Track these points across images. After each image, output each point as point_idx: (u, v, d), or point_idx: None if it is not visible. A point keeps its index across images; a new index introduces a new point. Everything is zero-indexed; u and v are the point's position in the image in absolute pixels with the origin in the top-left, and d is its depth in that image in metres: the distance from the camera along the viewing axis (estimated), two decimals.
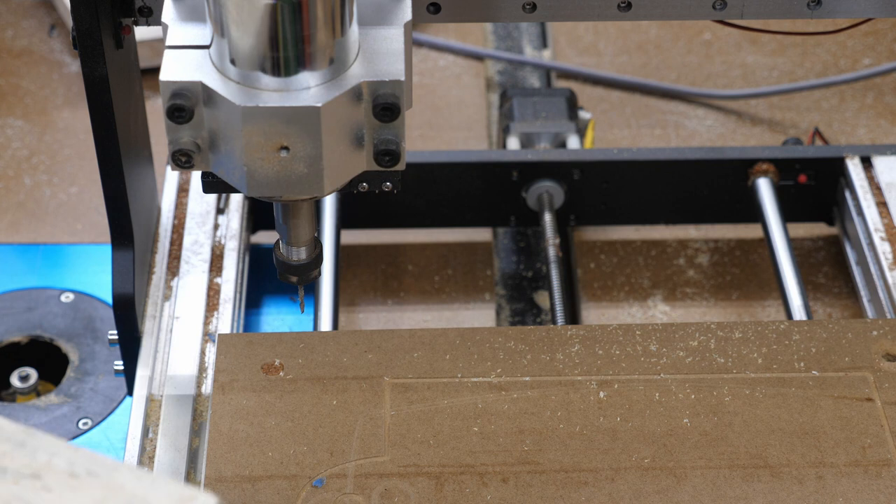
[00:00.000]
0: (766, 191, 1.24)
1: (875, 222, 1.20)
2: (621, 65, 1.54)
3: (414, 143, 1.44)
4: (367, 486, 0.93)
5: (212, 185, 0.89)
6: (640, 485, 0.93)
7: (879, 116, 1.47)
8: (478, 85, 1.52)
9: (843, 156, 1.25)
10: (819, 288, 1.28)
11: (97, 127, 1.01)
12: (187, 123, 0.82)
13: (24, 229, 1.35)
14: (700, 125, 1.47)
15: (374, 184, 0.90)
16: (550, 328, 1.03)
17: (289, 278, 0.95)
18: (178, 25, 0.85)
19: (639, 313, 1.26)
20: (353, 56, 0.83)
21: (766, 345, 1.02)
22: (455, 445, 0.96)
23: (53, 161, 1.42)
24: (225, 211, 1.19)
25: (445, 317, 1.26)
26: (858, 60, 1.54)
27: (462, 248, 1.32)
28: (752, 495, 0.93)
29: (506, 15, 0.99)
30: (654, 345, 1.02)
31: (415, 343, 1.02)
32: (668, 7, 0.99)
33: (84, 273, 1.30)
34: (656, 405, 0.98)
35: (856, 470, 0.94)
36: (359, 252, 1.31)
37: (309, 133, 0.81)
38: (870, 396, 0.99)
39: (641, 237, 1.32)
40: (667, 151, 1.26)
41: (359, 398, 0.98)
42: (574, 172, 1.25)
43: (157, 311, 1.10)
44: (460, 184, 1.26)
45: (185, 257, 1.14)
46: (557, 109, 1.34)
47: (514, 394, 0.99)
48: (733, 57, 1.55)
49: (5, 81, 1.51)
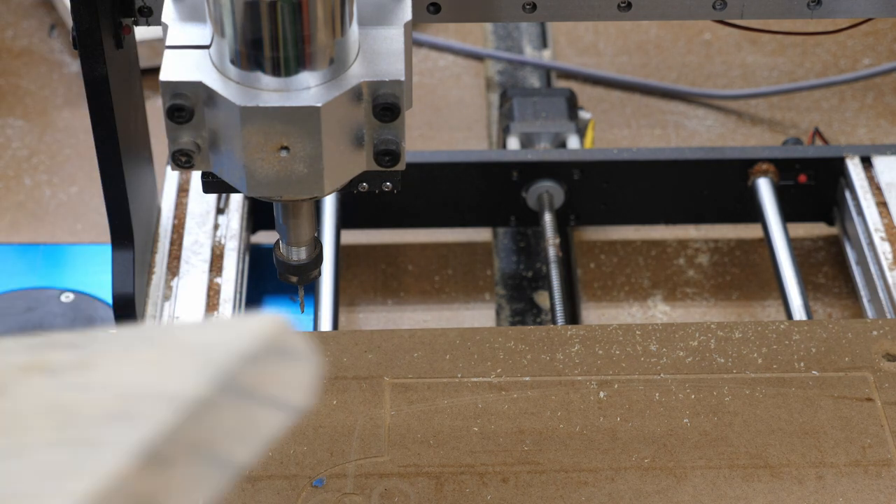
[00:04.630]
0: (766, 191, 1.24)
1: (875, 222, 1.20)
2: (621, 65, 1.54)
3: (414, 143, 1.44)
4: (367, 486, 0.93)
5: (212, 185, 0.89)
6: (640, 485, 0.93)
7: (879, 116, 1.47)
8: (478, 85, 1.52)
9: (843, 156, 1.25)
10: (819, 288, 1.28)
11: (97, 127, 1.01)
12: (187, 123, 0.82)
13: (24, 229, 1.35)
14: (700, 125, 1.47)
15: (374, 184, 0.90)
16: (550, 328, 1.03)
17: (289, 278, 0.95)
18: (178, 25, 0.85)
19: (639, 313, 1.26)
20: (353, 56, 0.83)
21: (766, 345, 1.02)
22: (455, 445, 0.96)
23: (53, 161, 1.42)
24: (225, 211, 1.19)
25: (445, 317, 1.26)
26: (858, 60, 1.54)
27: (462, 248, 1.32)
28: (752, 495, 0.93)
29: (506, 15, 0.99)
30: (654, 345, 1.02)
31: (415, 343, 1.02)
32: (668, 7, 0.99)
33: (84, 273, 1.30)
34: (656, 405, 0.98)
35: (856, 470, 0.94)
36: (359, 252, 1.31)
37: (309, 133, 0.81)
38: (870, 396, 0.99)
39: (641, 237, 1.32)
40: (667, 151, 1.26)
41: (359, 398, 0.98)
42: (574, 172, 1.25)
43: (157, 311, 1.10)
44: (460, 184, 1.26)
45: (185, 257, 1.14)
46: (557, 109, 1.34)
47: (514, 394, 0.99)
48: (733, 57, 1.55)
49: (5, 81, 1.51)
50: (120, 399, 0.45)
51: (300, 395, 0.48)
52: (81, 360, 0.48)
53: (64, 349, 0.49)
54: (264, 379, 0.47)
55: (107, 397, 0.46)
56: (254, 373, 0.47)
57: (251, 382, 0.47)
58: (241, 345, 0.47)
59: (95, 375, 0.47)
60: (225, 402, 0.46)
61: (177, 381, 0.46)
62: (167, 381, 0.46)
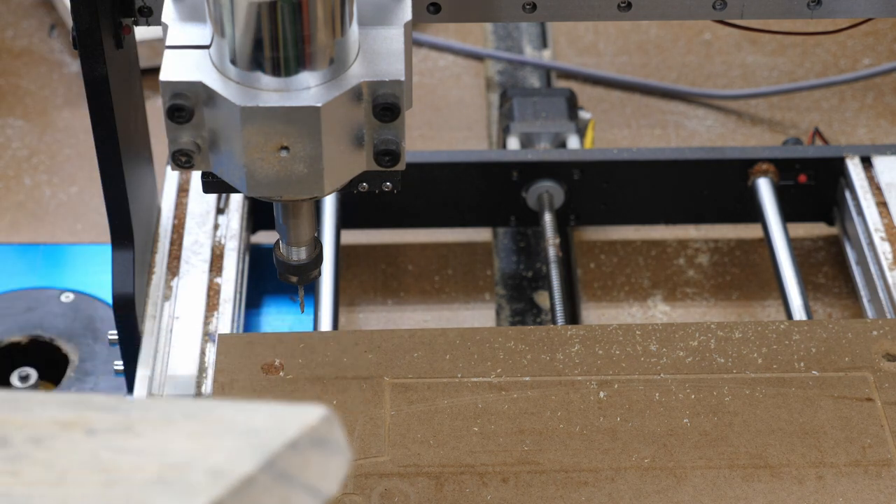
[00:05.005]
0: (766, 191, 1.24)
1: (875, 222, 1.20)
2: (621, 65, 1.54)
3: (414, 143, 1.44)
4: (366, 486, 0.93)
5: (212, 185, 0.89)
6: (640, 485, 0.93)
7: (879, 116, 1.47)
8: (478, 85, 1.52)
9: (843, 156, 1.25)
10: (819, 288, 1.28)
11: (97, 127, 1.01)
12: (187, 123, 0.82)
13: (24, 229, 1.35)
14: (700, 125, 1.47)
15: (374, 184, 0.90)
16: (550, 328, 1.03)
17: (289, 278, 0.95)
18: (178, 25, 0.85)
19: (639, 313, 1.26)
20: (353, 56, 0.83)
21: (766, 345, 1.02)
22: (455, 445, 0.96)
23: (53, 161, 1.42)
24: (225, 211, 1.19)
25: (445, 317, 1.26)
26: (858, 60, 1.54)
27: (462, 248, 1.32)
28: (752, 495, 0.93)
29: (506, 15, 0.99)
30: (654, 345, 1.02)
31: (415, 343, 1.02)
32: (668, 7, 0.99)
33: (84, 273, 1.30)
34: (656, 405, 0.98)
35: (856, 470, 0.94)
36: (359, 252, 1.31)
37: (309, 133, 0.81)
38: (870, 396, 0.99)
39: (641, 237, 1.32)
40: (667, 151, 1.26)
41: (359, 398, 0.98)
42: (574, 172, 1.25)
43: (157, 311, 1.10)
44: (460, 184, 1.26)
45: (185, 257, 1.14)
46: (557, 109, 1.34)
47: (514, 394, 0.99)
48: (733, 57, 1.55)
49: (5, 81, 1.51)
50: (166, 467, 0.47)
51: (333, 484, 0.51)
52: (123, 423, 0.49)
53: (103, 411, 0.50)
54: (303, 465, 0.50)
55: (152, 463, 0.47)
56: (294, 458, 0.49)
57: (291, 467, 0.49)
58: (286, 431, 0.49)
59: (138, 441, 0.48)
60: (265, 482, 0.48)
61: (222, 457, 0.48)
62: (213, 456, 0.48)
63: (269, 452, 0.48)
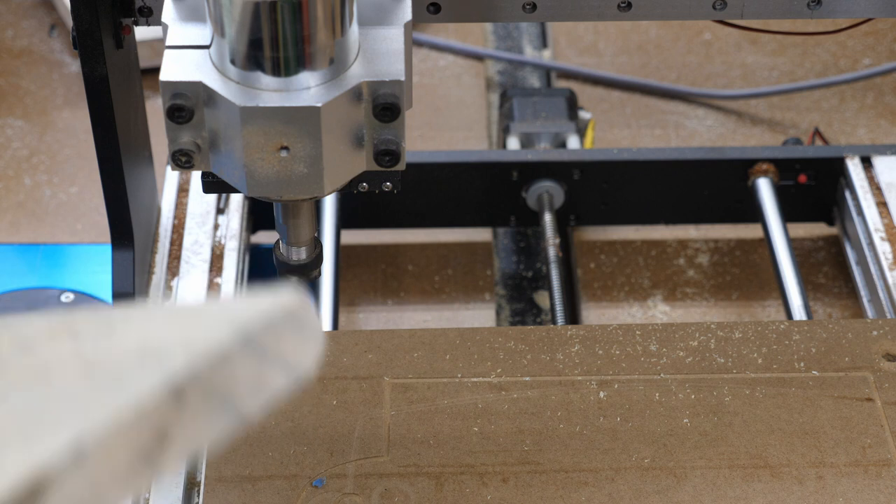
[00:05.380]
0: (766, 191, 1.24)
1: (875, 222, 1.20)
2: (621, 65, 1.54)
3: (414, 143, 1.44)
4: (366, 486, 0.93)
5: (212, 185, 0.89)
6: (640, 485, 0.93)
7: (879, 116, 1.47)
8: (478, 85, 1.52)
9: (843, 156, 1.25)
10: (819, 288, 1.28)
11: (97, 127, 1.01)
12: (187, 123, 0.82)
13: (24, 229, 1.35)
14: (700, 125, 1.47)
15: (374, 184, 0.90)
16: (550, 328, 1.03)
17: (289, 278, 0.95)
18: (178, 25, 0.85)
19: (639, 313, 1.26)
20: (353, 56, 0.83)
21: (766, 345, 1.02)
22: (455, 445, 0.95)
23: (53, 161, 1.42)
24: (225, 211, 1.19)
25: (445, 317, 1.26)
26: (858, 60, 1.54)
27: (462, 248, 1.32)
28: (752, 495, 0.93)
29: (506, 15, 0.99)
30: (654, 345, 1.02)
31: (415, 343, 1.02)
32: (668, 7, 0.99)
33: (84, 273, 1.30)
34: (656, 405, 0.98)
35: (856, 470, 0.94)
36: (359, 252, 1.31)
37: (309, 133, 0.81)
38: (870, 396, 0.99)
39: (641, 237, 1.32)
40: (667, 151, 1.26)
41: (359, 398, 0.98)
42: (574, 172, 1.25)
43: None
44: (460, 184, 1.26)
45: (185, 257, 1.14)
46: (557, 109, 1.34)
47: (514, 394, 0.99)
48: (733, 57, 1.55)
49: (5, 81, 1.51)
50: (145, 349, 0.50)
51: (308, 364, 0.53)
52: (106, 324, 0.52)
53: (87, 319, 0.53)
54: (280, 343, 0.52)
55: (131, 348, 0.50)
56: (271, 336, 0.52)
57: (268, 344, 0.51)
58: (264, 310, 0.52)
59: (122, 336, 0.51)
60: (242, 356, 0.50)
61: (201, 335, 0.50)
62: (192, 335, 0.51)
63: (246, 331, 0.50)
